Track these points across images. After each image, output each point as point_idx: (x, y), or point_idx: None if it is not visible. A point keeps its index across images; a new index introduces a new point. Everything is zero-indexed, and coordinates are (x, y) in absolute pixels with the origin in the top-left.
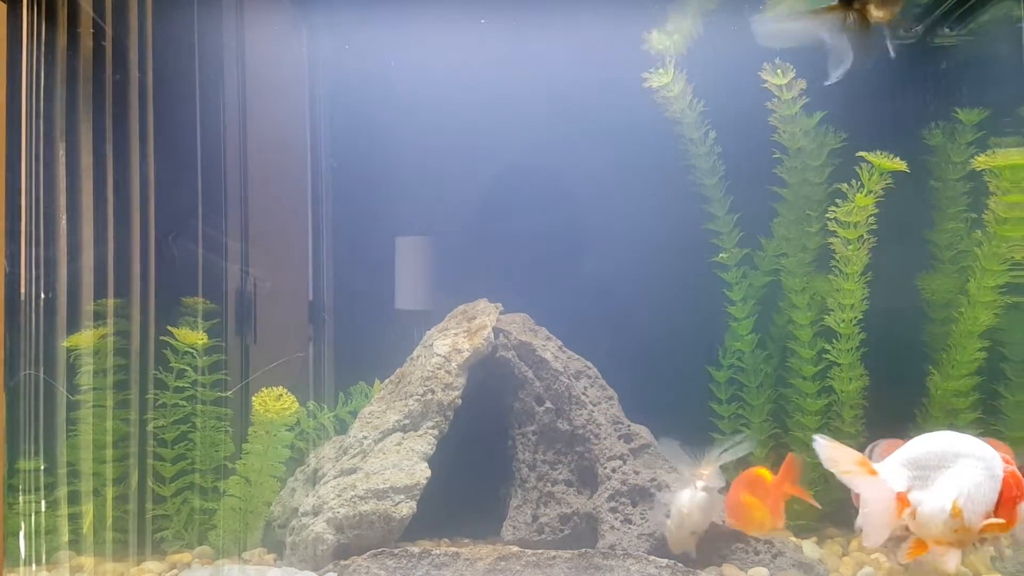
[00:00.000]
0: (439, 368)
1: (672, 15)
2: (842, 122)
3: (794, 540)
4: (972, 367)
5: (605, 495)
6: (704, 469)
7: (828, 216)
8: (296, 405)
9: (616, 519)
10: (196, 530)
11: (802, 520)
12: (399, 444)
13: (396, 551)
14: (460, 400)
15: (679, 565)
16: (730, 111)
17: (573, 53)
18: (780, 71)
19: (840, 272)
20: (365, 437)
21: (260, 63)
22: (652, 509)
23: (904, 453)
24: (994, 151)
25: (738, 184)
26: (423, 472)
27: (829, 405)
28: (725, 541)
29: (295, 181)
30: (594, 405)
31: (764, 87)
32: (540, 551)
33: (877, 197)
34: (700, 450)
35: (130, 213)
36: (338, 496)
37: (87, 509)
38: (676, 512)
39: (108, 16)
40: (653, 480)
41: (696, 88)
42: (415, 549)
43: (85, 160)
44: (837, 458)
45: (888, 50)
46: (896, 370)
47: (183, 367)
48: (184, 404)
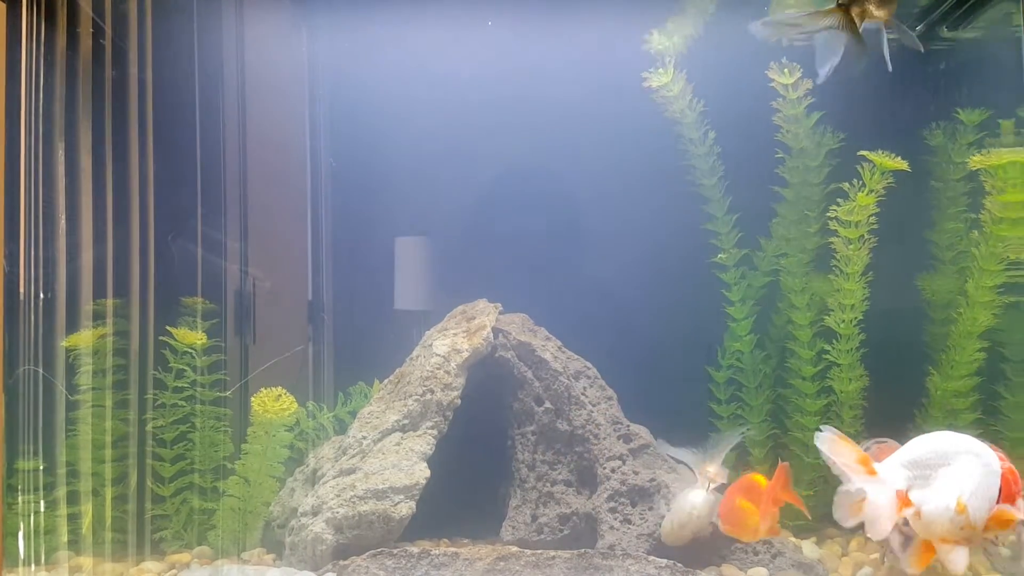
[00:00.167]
0: (438, 368)
1: (672, 16)
2: (843, 122)
3: (793, 540)
4: (971, 368)
5: (604, 495)
6: (711, 467)
7: (829, 216)
8: (295, 405)
9: (615, 519)
10: (195, 530)
11: (801, 520)
12: (398, 444)
13: (395, 551)
14: (459, 400)
15: (678, 565)
16: (730, 111)
17: (572, 53)
18: (787, 70)
19: (841, 272)
20: (364, 437)
21: (260, 63)
22: (653, 509)
23: (902, 455)
24: (988, 150)
25: (737, 184)
26: (422, 472)
27: (828, 405)
28: (725, 541)
29: (294, 181)
30: (593, 405)
31: (766, 87)
32: (539, 551)
33: (878, 196)
34: (700, 448)
35: (129, 213)
36: (337, 496)
37: (86, 509)
38: (685, 512)
39: (107, 16)
40: (652, 480)
41: (696, 88)
42: (414, 549)
43: (84, 160)
44: (839, 452)
45: (885, 56)
46: (896, 371)
47: (182, 367)
48: (183, 404)
